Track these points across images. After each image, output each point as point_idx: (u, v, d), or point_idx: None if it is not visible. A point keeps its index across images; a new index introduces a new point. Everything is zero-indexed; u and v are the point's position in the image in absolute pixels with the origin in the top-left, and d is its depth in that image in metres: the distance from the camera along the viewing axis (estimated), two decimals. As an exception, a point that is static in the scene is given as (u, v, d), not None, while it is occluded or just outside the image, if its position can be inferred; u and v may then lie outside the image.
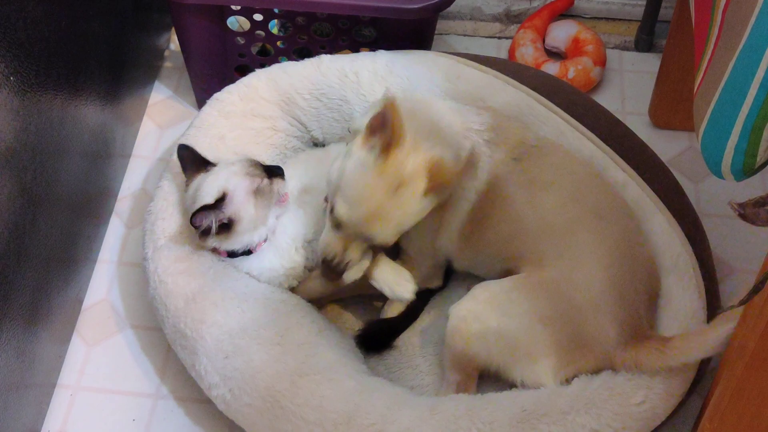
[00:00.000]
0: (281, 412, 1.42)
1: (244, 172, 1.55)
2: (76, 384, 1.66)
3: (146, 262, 1.62)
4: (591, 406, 1.38)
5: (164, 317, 1.57)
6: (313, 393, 1.42)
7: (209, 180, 1.56)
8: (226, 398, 1.48)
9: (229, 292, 1.55)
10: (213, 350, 1.49)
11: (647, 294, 1.45)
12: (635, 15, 2.20)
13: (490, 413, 1.39)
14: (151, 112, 2.07)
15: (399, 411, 1.41)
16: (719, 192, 1.87)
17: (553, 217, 1.47)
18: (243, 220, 1.53)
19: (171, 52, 2.19)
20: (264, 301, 1.56)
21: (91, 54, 1.72)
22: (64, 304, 1.67)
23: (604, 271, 1.41)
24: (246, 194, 1.54)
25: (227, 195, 1.53)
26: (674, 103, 1.94)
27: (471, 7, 2.22)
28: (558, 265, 1.43)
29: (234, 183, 1.54)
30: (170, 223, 1.64)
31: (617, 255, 1.43)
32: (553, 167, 1.52)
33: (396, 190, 1.38)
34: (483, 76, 1.77)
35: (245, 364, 1.46)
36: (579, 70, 2.05)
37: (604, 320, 1.40)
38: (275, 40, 1.93)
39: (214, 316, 1.52)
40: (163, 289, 1.57)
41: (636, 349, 1.39)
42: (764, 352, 1.10)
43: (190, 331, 1.52)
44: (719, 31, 1.24)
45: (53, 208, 1.58)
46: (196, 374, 1.52)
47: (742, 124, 1.09)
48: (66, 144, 1.61)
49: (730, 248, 1.78)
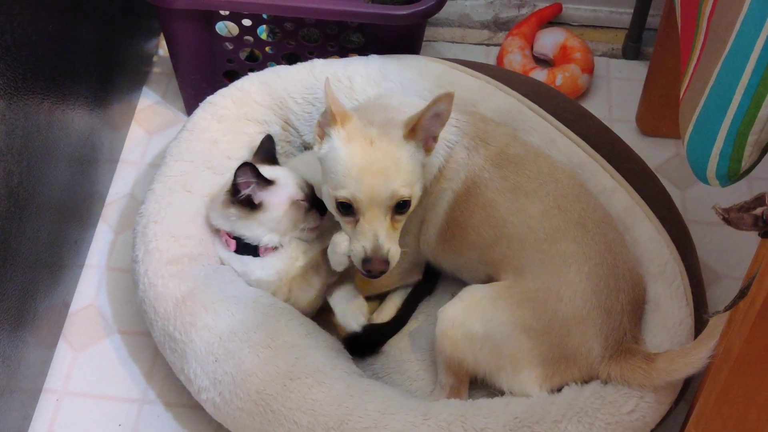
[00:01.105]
0: (273, 416, 1.42)
1: (297, 183, 1.60)
2: (63, 389, 1.65)
3: (136, 265, 1.61)
4: (583, 415, 1.38)
5: (153, 320, 1.56)
6: (305, 396, 1.42)
7: (271, 168, 1.62)
8: (216, 402, 1.47)
9: (219, 295, 1.55)
10: (203, 353, 1.48)
11: (631, 305, 1.45)
12: (623, 23, 2.21)
13: (482, 420, 1.39)
14: (139, 118, 2.07)
15: (391, 415, 1.41)
16: (706, 199, 1.88)
17: (536, 224, 1.47)
18: (268, 213, 1.56)
19: (159, 57, 2.19)
20: (254, 305, 1.55)
21: (78, 59, 1.72)
22: (51, 309, 1.66)
23: (587, 282, 1.42)
24: (287, 197, 1.57)
25: (275, 185, 1.57)
26: (661, 110, 1.94)
27: (459, 14, 2.23)
28: (541, 275, 1.44)
29: (286, 182, 1.58)
30: (162, 227, 1.63)
31: (600, 266, 1.44)
32: (537, 175, 1.52)
33: (372, 143, 1.42)
34: (475, 81, 1.77)
35: (236, 368, 1.46)
36: (567, 77, 2.06)
37: (588, 333, 1.40)
38: (264, 45, 1.93)
39: (204, 319, 1.51)
40: (153, 291, 1.57)
41: (621, 364, 1.40)
42: (749, 357, 1.11)
43: (180, 334, 1.51)
44: (705, 37, 1.25)
45: (40, 213, 1.57)
46: (185, 378, 1.52)
47: (727, 130, 1.09)
48: (53, 148, 1.61)
49: (717, 254, 1.79)
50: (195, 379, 1.49)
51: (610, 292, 1.42)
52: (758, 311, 1.05)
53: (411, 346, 1.63)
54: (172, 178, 1.68)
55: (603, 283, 1.42)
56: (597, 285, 1.42)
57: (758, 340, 1.08)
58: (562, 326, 1.41)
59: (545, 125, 1.70)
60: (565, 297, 1.41)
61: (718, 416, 1.22)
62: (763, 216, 0.98)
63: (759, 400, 1.16)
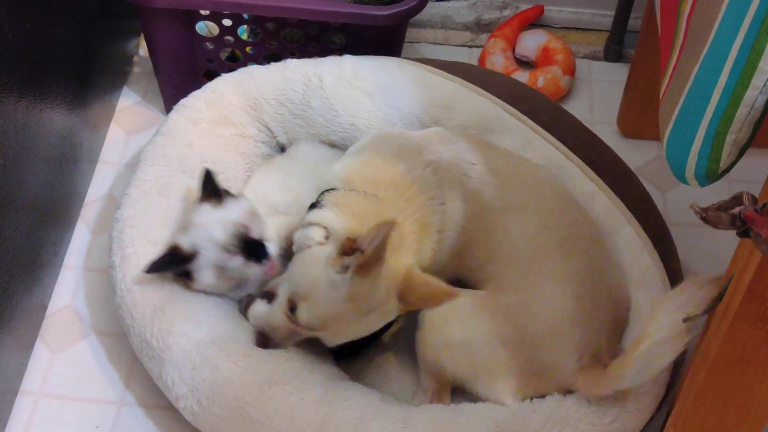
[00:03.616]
0: (250, 422, 1.41)
1: (220, 242, 1.49)
2: (39, 391, 1.64)
3: (113, 270, 1.60)
4: (564, 425, 1.38)
5: (130, 326, 1.54)
6: (283, 403, 1.41)
7: (194, 228, 1.52)
8: (194, 410, 1.46)
9: (197, 304, 1.54)
10: (180, 361, 1.47)
11: (611, 323, 1.45)
12: (604, 25, 2.21)
13: (464, 427, 1.39)
14: (119, 118, 2.05)
15: (370, 423, 1.40)
16: (687, 200, 1.85)
17: (523, 243, 1.46)
18: (201, 283, 1.53)
19: (140, 57, 2.18)
20: (233, 314, 1.55)
21: (57, 58, 1.70)
22: (28, 310, 1.65)
23: (566, 301, 1.41)
24: (209, 265, 1.50)
25: (194, 257, 1.50)
26: (642, 112, 1.95)
27: (441, 16, 2.23)
28: (521, 291, 1.43)
29: (205, 245, 1.50)
30: (139, 231, 1.62)
31: (581, 286, 1.43)
32: (524, 189, 1.51)
33: (366, 313, 1.37)
34: (450, 84, 1.76)
35: (213, 375, 1.44)
36: (548, 79, 2.06)
37: (564, 350, 1.40)
38: (244, 45, 1.92)
39: (182, 327, 1.50)
40: (130, 298, 1.55)
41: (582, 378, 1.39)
42: (726, 358, 1.11)
43: (157, 341, 1.50)
44: (684, 38, 1.25)
45: (17, 212, 1.56)
46: (162, 385, 1.51)
47: (705, 129, 1.09)
48: (31, 147, 1.59)
49: (698, 256, 1.79)
50: (173, 386, 1.48)
51: (589, 311, 1.42)
52: (735, 311, 1.05)
53: (391, 347, 1.62)
54: (148, 183, 1.67)
55: (582, 303, 1.41)
56: (576, 303, 1.41)
57: (736, 340, 1.08)
58: (538, 341, 1.41)
59: (522, 127, 1.69)
60: (544, 313, 1.41)
61: (696, 417, 1.22)
62: (740, 215, 0.98)
63: (736, 400, 1.17)
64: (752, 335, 1.07)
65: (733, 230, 1.00)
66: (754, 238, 0.96)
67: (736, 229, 0.99)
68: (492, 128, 1.70)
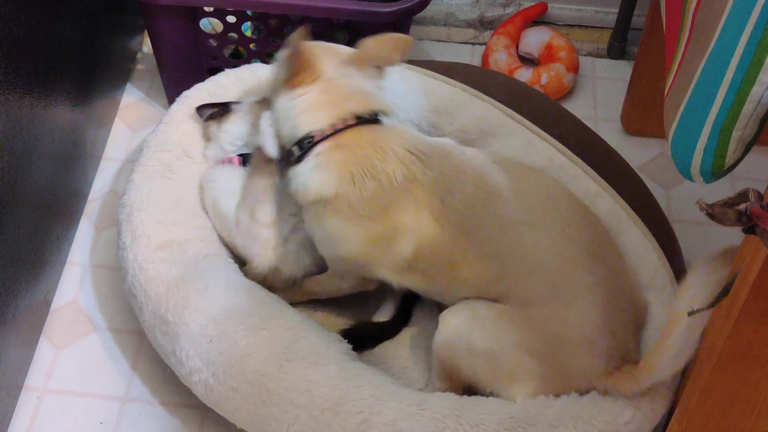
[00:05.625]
0: (268, 396, 1.41)
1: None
2: (43, 386, 1.64)
3: (123, 252, 1.60)
4: (579, 422, 1.37)
5: (143, 304, 1.54)
6: (301, 377, 1.42)
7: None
8: (208, 383, 1.46)
9: (212, 281, 1.54)
10: (196, 335, 1.47)
11: (634, 324, 1.45)
12: (608, 22, 2.21)
13: (478, 415, 1.38)
14: (123, 114, 2.06)
15: (386, 402, 1.40)
16: (690, 198, 1.88)
17: (549, 257, 1.42)
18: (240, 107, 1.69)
19: (143, 54, 2.18)
20: (248, 291, 1.55)
21: (62, 54, 1.70)
22: (32, 306, 1.65)
23: (599, 311, 1.39)
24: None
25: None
26: (646, 109, 1.95)
27: (445, 13, 2.23)
28: (550, 304, 1.40)
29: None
30: (147, 214, 1.63)
31: (609, 292, 1.41)
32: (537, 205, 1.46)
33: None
34: (450, 89, 1.76)
35: (231, 348, 1.45)
36: (552, 76, 2.06)
37: (594, 357, 1.39)
38: (248, 42, 1.92)
39: (198, 302, 1.50)
40: (144, 275, 1.55)
41: (615, 376, 1.38)
42: (732, 353, 1.11)
43: (172, 316, 1.50)
44: (689, 34, 1.25)
45: (21, 209, 1.56)
46: (175, 360, 1.50)
47: (711, 126, 1.09)
48: (35, 144, 1.59)
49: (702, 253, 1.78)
50: (187, 360, 1.48)
51: (616, 315, 1.40)
52: (741, 308, 1.05)
53: (395, 343, 1.62)
54: (151, 168, 1.68)
55: (611, 309, 1.40)
56: (607, 311, 1.39)
57: (741, 336, 1.09)
58: (570, 351, 1.39)
59: (523, 131, 1.69)
60: (579, 325, 1.39)
61: (701, 412, 1.22)
62: (746, 211, 0.98)
63: (741, 396, 1.17)
64: (758, 331, 1.08)
65: (739, 227, 1.00)
66: (760, 234, 0.96)
67: (742, 225, 0.99)
68: (493, 132, 1.70)
